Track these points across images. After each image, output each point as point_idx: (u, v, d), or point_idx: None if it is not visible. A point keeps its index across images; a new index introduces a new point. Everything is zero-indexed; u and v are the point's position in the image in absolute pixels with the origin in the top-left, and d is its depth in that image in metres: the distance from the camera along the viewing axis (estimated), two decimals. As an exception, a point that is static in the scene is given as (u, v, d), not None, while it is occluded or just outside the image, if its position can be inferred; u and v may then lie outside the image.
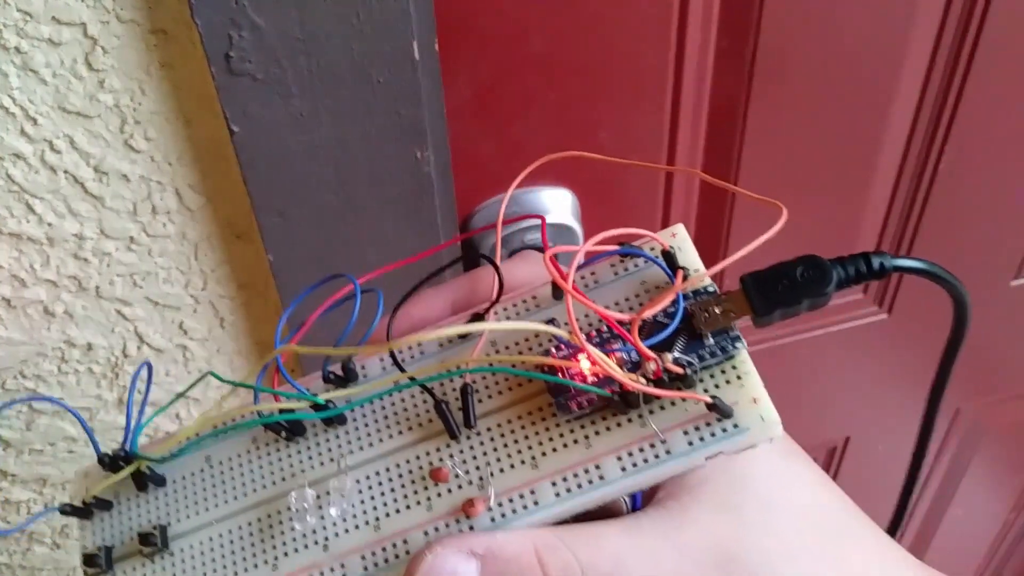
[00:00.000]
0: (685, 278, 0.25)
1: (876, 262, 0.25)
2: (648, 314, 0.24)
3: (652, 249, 0.27)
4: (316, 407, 0.27)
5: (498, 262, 0.28)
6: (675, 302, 0.25)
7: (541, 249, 0.25)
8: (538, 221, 0.53)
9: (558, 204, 0.55)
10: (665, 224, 0.60)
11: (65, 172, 0.42)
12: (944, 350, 0.30)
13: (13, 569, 0.59)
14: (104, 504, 0.29)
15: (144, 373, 0.29)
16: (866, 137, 0.59)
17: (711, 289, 0.25)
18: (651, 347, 0.24)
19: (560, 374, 0.25)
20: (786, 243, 0.25)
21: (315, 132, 0.41)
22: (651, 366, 0.23)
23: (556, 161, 0.57)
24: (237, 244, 0.47)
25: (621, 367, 0.24)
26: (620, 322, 0.24)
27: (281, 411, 0.27)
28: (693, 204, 0.60)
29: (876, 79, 0.56)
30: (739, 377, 0.24)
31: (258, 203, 0.43)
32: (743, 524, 0.24)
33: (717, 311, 0.24)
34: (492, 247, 0.54)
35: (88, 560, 0.28)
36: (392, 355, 0.27)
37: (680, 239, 0.27)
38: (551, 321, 0.26)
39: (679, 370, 0.24)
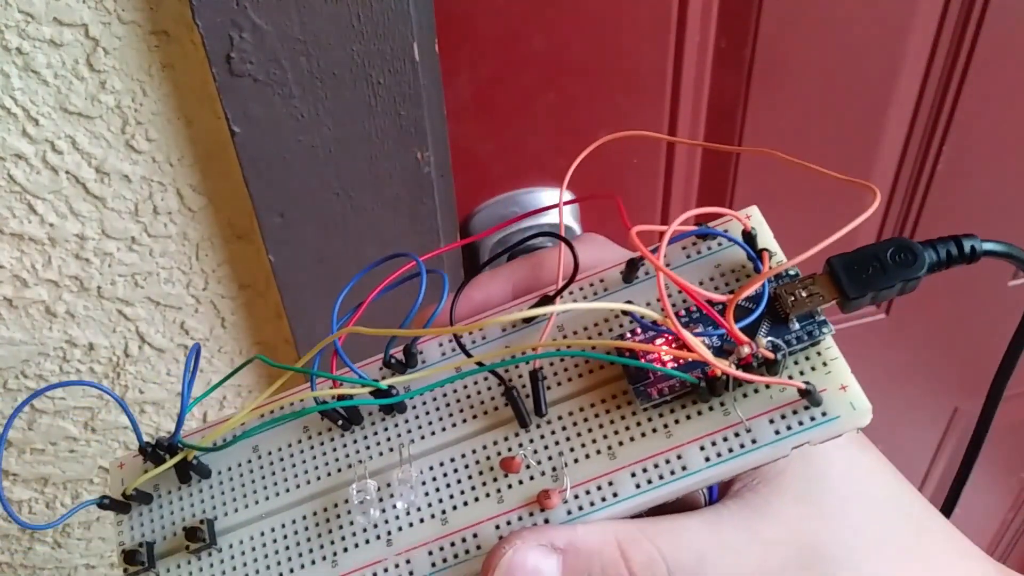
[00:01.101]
0: (769, 258, 0.24)
1: (967, 245, 0.24)
2: (744, 296, 0.23)
3: (726, 231, 0.25)
4: (379, 393, 0.25)
5: (561, 246, 0.26)
6: (760, 285, 0.24)
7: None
8: (537, 220, 0.53)
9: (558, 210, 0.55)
10: (665, 223, 0.60)
11: (67, 173, 0.42)
12: (1012, 338, 0.30)
13: (14, 568, 0.59)
14: (144, 497, 0.27)
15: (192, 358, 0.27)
16: (864, 137, 0.59)
17: (793, 272, 0.24)
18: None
19: (639, 359, 0.23)
20: (785, 243, 0.25)
21: (316, 133, 0.41)
22: (744, 350, 0.22)
23: (555, 162, 0.57)
24: (238, 244, 0.47)
25: None
26: (712, 303, 0.23)
27: (340, 397, 0.25)
28: (692, 204, 0.60)
29: (874, 79, 0.56)
30: (825, 363, 0.23)
31: (259, 204, 0.43)
32: (824, 518, 0.24)
33: (804, 295, 0.23)
34: (496, 246, 0.54)
35: (128, 557, 0.26)
36: (457, 340, 0.26)
37: (756, 221, 0.26)
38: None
39: (771, 355, 0.23)
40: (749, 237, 0.25)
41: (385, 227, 0.46)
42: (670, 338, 0.23)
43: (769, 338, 0.23)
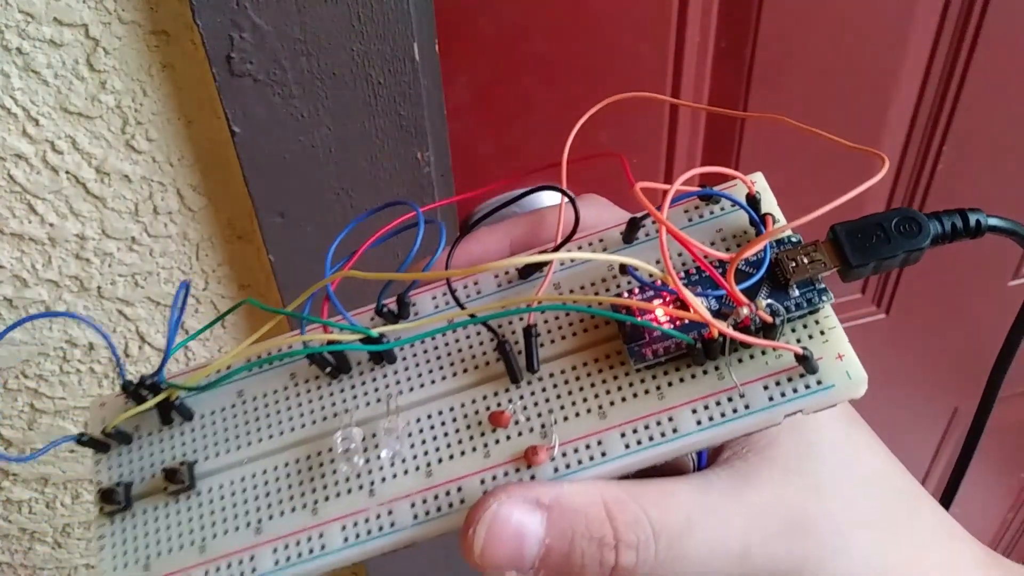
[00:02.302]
0: (772, 223, 0.24)
1: (972, 219, 0.24)
2: (746, 255, 0.23)
3: (732, 194, 0.25)
4: (369, 341, 0.25)
5: (561, 206, 0.25)
6: (762, 249, 0.23)
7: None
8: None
9: (549, 198, 0.55)
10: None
11: (67, 173, 0.42)
12: (1012, 326, 0.29)
13: (14, 568, 0.59)
14: (124, 437, 0.27)
15: (181, 295, 0.27)
16: (865, 137, 0.59)
17: (795, 239, 0.24)
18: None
19: (635, 317, 0.23)
20: (789, 217, 0.25)
21: (316, 133, 0.41)
22: (743, 311, 0.22)
23: (554, 161, 0.56)
24: (238, 245, 0.47)
25: None
26: (713, 262, 0.23)
27: (330, 343, 0.25)
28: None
29: (874, 79, 0.56)
30: (823, 332, 0.23)
31: (259, 204, 0.43)
32: (813, 489, 0.24)
33: (805, 261, 0.23)
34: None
35: (106, 496, 0.26)
36: (451, 289, 0.25)
37: (760, 186, 0.25)
38: (625, 267, 0.25)
39: (769, 319, 0.22)
40: (753, 201, 0.25)
41: (385, 218, 0.46)
42: (669, 298, 0.23)
43: (768, 301, 0.23)
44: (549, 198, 0.54)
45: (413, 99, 0.41)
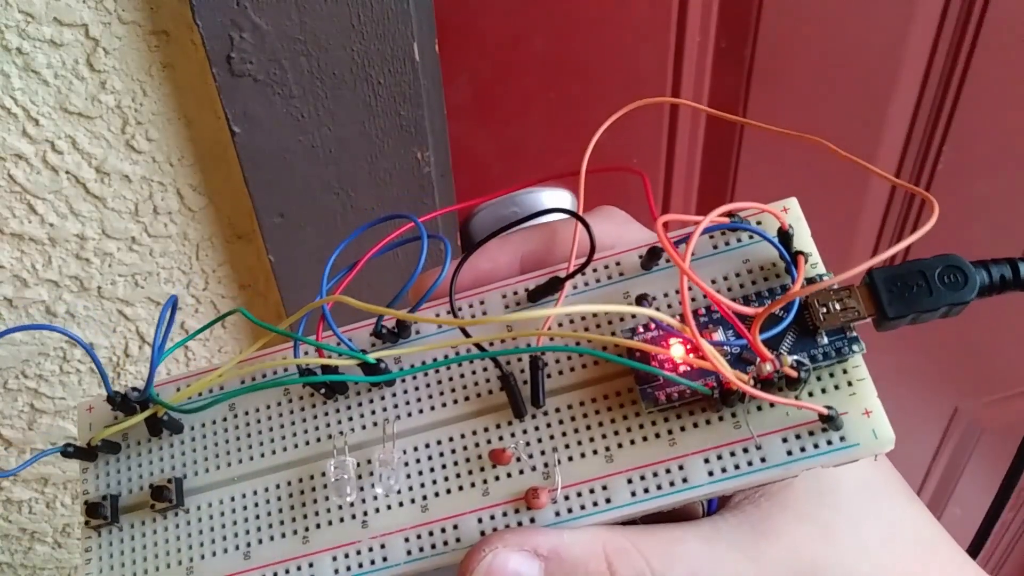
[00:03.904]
0: (805, 263, 0.22)
1: None
2: (774, 310, 0.21)
3: (759, 224, 0.24)
4: (367, 367, 0.24)
5: (580, 212, 0.24)
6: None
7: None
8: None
9: (558, 203, 0.55)
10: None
11: (67, 173, 0.42)
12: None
13: (15, 568, 0.59)
14: (112, 447, 0.26)
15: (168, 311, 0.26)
16: (864, 137, 0.59)
17: (827, 278, 0.22)
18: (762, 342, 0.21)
19: (650, 359, 0.22)
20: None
21: (316, 133, 0.41)
22: (766, 367, 0.20)
23: (556, 162, 0.57)
24: (238, 244, 0.47)
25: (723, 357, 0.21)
26: (740, 317, 0.22)
27: (324, 368, 0.24)
28: (692, 204, 0.60)
29: (874, 79, 0.56)
30: (851, 383, 0.22)
31: (259, 204, 0.43)
32: (829, 539, 0.23)
33: (837, 307, 0.21)
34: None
35: (91, 510, 0.25)
36: (464, 332, 0.24)
37: (793, 216, 0.24)
38: (643, 296, 0.23)
39: (794, 374, 0.21)
40: (785, 236, 0.23)
41: (385, 227, 0.46)
42: (687, 341, 0.22)
43: (794, 357, 0.21)
44: (554, 199, 0.54)
45: (413, 99, 0.41)
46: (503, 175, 0.54)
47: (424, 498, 0.23)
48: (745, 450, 0.22)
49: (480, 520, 0.23)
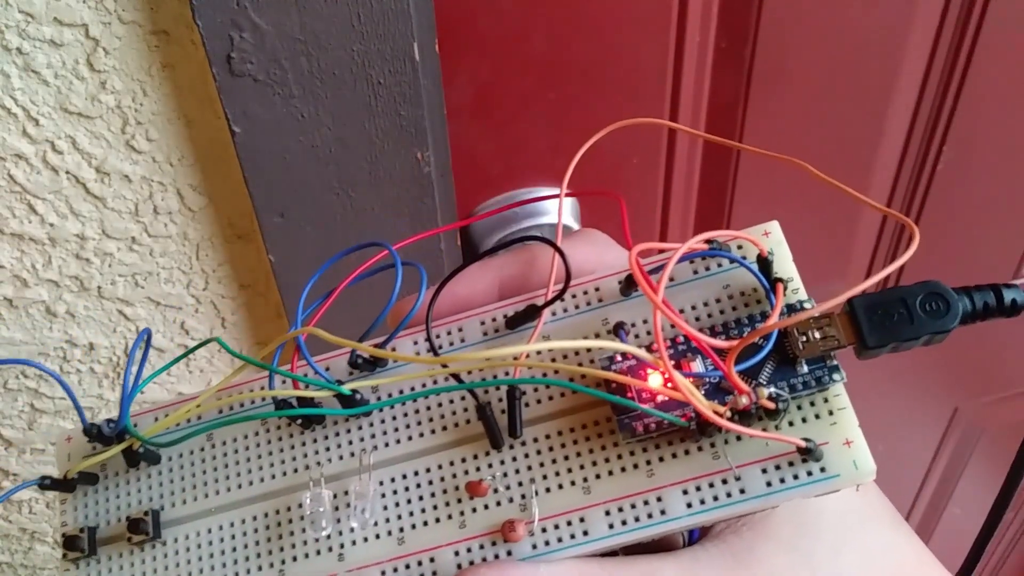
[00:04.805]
0: (784, 291, 0.22)
1: (1008, 297, 0.21)
2: (749, 343, 0.21)
3: (740, 249, 0.24)
4: (343, 399, 0.24)
5: (559, 243, 0.24)
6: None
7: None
8: (538, 220, 0.53)
9: (556, 205, 0.55)
10: (664, 228, 0.60)
11: (67, 173, 0.42)
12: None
13: (15, 568, 0.59)
14: (90, 478, 0.26)
15: (143, 341, 0.26)
16: (864, 137, 0.59)
17: (808, 305, 0.22)
18: (738, 371, 0.21)
19: (628, 391, 0.22)
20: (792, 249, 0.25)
21: (316, 133, 0.41)
22: (743, 400, 0.20)
23: (555, 162, 0.57)
24: (238, 244, 0.47)
25: (698, 388, 0.21)
26: (716, 350, 0.21)
27: (300, 400, 0.24)
28: (692, 204, 0.60)
29: (874, 80, 0.56)
30: (832, 412, 0.21)
31: (259, 204, 0.43)
32: (812, 569, 0.22)
33: (817, 336, 0.21)
34: (497, 239, 0.54)
35: (69, 543, 0.25)
36: (430, 338, 0.24)
37: (774, 240, 0.23)
38: (620, 325, 0.23)
39: (771, 406, 0.21)
40: (764, 262, 0.23)
41: (385, 227, 0.46)
42: (665, 372, 0.22)
43: (771, 389, 0.21)
44: (555, 208, 0.54)
45: (413, 99, 0.41)
46: (503, 175, 0.54)
47: (401, 530, 0.23)
48: (724, 481, 0.21)
49: (457, 553, 0.23)
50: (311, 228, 0.45)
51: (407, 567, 0.23)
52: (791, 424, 0.22)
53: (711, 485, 0.21)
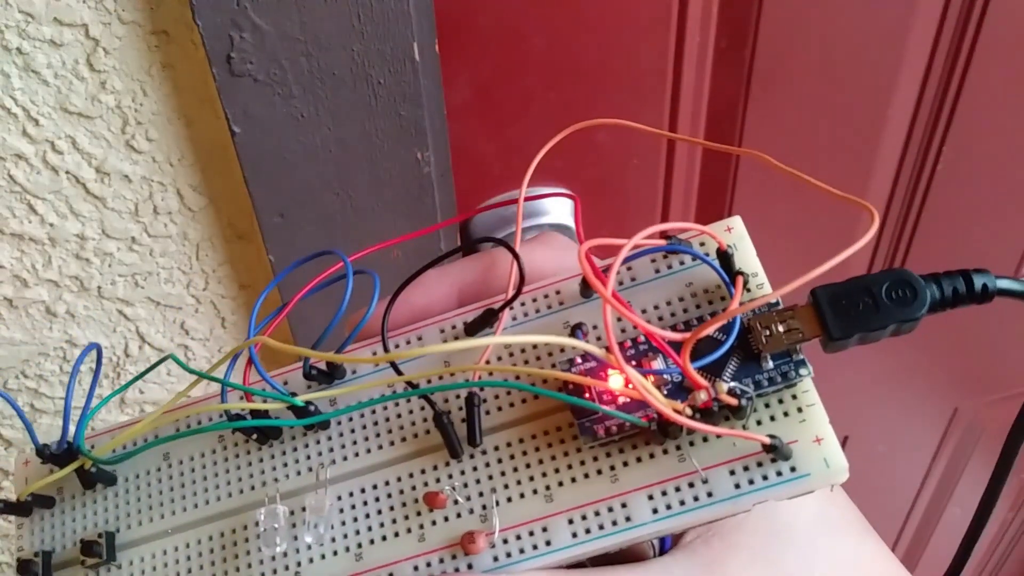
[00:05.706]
0: (745, 285, 0.22)
1: (978, 282, 0.21)
2: (704, 334, 0.20)
3: (703, 245, 0.23)
4: (295, 411, 0.23)
5: (518, 248, 0.23)
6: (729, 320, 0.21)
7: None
8: (539, 221, 0.53)
9: (556, 204, 0.55)
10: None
11: (67, 173, 0.42)
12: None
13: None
14: (46, 501, 0.25)
15: (91, 356, 0.25)
16: (864, 138, 0.59)
17: (773, 300, 0.21)
18: (700, 369, 0.20)
19: (586, 392, 0.21)
20: (784, 244, 0.25)
21: (316, 133, 0.41)
22: (701, 395, 0.20)
23: (555, 162, 0.57)
24: (238, 244, 0.47)
25: (660, 388, 0.20)
26: (671, 343, 0.21)
27: (253, 413, 0.23)
28: (692, 206, 0.60)
29: (874, 80, 0.56)
30: (800, 410, 0.21)
31: (259, 204, 0.43)
32: None
33: (780, 329, 0.20)
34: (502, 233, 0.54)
35: (22, 568, 0.24)
36: (394, 366, 0.23)
37: (737, 235, 0.23)
38: (578, 326, 0.23)
39: (733, 401, 0.20)
40: (725, 256, 0.22)
41: (385, 227, 0.46)
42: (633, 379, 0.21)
43: (733, 383, 0.20)
44: (555, 205, 0.54)
45: (413, 99, 0.42)
46: (503, 175, 0.54)
47: (359, 546, 0.23)
48: (691, 484, 0.21)
49: (416, 568, 0.22)
50: (311, 228, 0.45)
51: None
52: (759, 423, 0.21)
53: (677, 489, 0.21)
